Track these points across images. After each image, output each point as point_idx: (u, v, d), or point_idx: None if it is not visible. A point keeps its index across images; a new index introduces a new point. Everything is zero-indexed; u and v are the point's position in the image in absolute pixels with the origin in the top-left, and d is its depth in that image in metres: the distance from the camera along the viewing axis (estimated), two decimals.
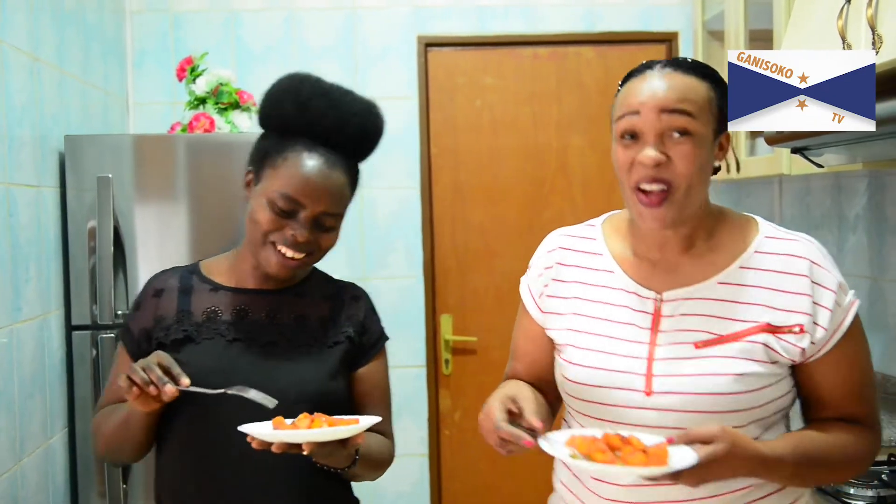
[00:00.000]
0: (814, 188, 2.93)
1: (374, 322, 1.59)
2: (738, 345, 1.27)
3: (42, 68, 2.36)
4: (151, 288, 1.53)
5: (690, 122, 1.26)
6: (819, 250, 1.33)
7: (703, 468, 1.13)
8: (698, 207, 1.31)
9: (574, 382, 1.35)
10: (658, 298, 1.33)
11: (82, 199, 2.51)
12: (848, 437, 1.31)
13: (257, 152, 1.49)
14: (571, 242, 1.44)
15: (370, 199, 3.32)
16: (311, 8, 3.30)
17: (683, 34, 3.35)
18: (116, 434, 1.46)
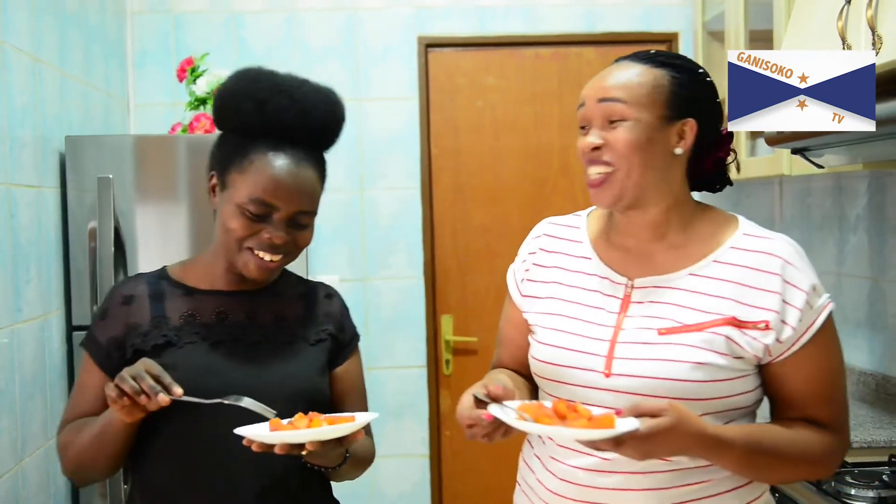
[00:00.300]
0: (814, 189, 2.93)
1: (349, 320, 1.60)
2: (701, 335, 1.29)
3: (43, 69, 2.37)
4: (119, 295, 1.47)
5: (623, 108, 1.32)
6: (795, 251, 1.35)
7: (644, 439, 1.16)
8: (657, 192, 1.35)
9: (539, 361, 1.39)
10: (629, 284, 1.37)
11: (83, 200, 2.51)
12: (809, 436, 1.32)
13: (219, 155, 1.45)
14: (556, 230, 1.50)
15: (371, 199, 3.32)
16: (312, 9, 3.30)
17: (684, 34, 3.35)
18: (90, 449, 1.40)
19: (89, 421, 1.42)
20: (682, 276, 1.35)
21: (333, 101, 1.48)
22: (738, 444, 1.26)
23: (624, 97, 1.32)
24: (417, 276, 3.33)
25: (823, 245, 2.88)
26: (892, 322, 2.51)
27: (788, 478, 1.44)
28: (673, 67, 1.36)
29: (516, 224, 3.36)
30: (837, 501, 1.87)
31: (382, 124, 3.32)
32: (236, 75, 1.47)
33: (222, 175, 1.43)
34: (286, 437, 1.25)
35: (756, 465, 1.30)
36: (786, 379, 1.33)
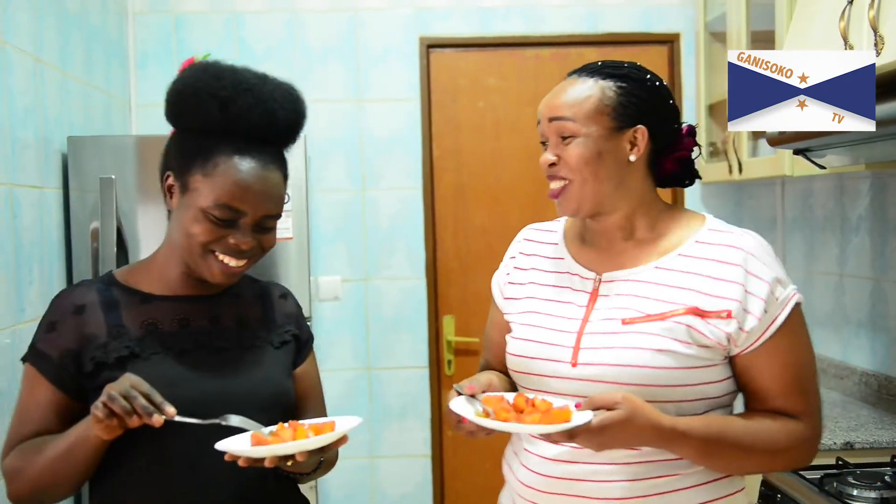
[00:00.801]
0: (816, 189, 2.93)
1: (304, 319, 1.57)
2: (663, 323, 1.34)
3: (45, 70, 2.37)
4: (67, 305, 1.38)
5: (572, 126, 1.39)
6: (759, 244, 1.39)
7: (598, 431, 1.21)
8: (615, 199, 1.41)
9: (512, 356, 1.45)
10: (597, 279, 1.43)
11: (85, 201, 2.51)
12: (774, 426, 1.35)
13: (178, 156, 1.38)
14: (535, 235, 1.58)
15: (372, 200, 3.32)
16: (314, 10, 3.30)
17: (685, 35, 3.35)
18: (51, 469, 1.30)
19: (47, 440, 1.32)
20: (647, 269, 1.40)
21: (296, 99, 1.43)
22: (695, 435, 1.29)
23: (571, 115, 1.39)
24: (419, 277, 3.33)
25: (825, 246, 2.88)
26: (893, 323, 2.51)
27: (756, 468, 1.45)
28: (619, 78, 1.41)
29: (517, 224, 3.31)
30: (839, 502, 1.87)
31: (384, 125, 3.32)
32: (194, 71, 1.39)
33: (182, 176, 1.36)
34: (276, 450, 1.21)
35: (717, 456, 1.33)
36: (754, 371, 1.36)
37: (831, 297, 2.83)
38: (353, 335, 3.32)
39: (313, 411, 1.52)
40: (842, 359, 2.77)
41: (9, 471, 1.35)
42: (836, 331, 2.81)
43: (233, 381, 1.37)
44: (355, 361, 3.32)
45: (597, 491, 1.34)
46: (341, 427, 1.27)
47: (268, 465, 1.23)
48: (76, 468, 1.30)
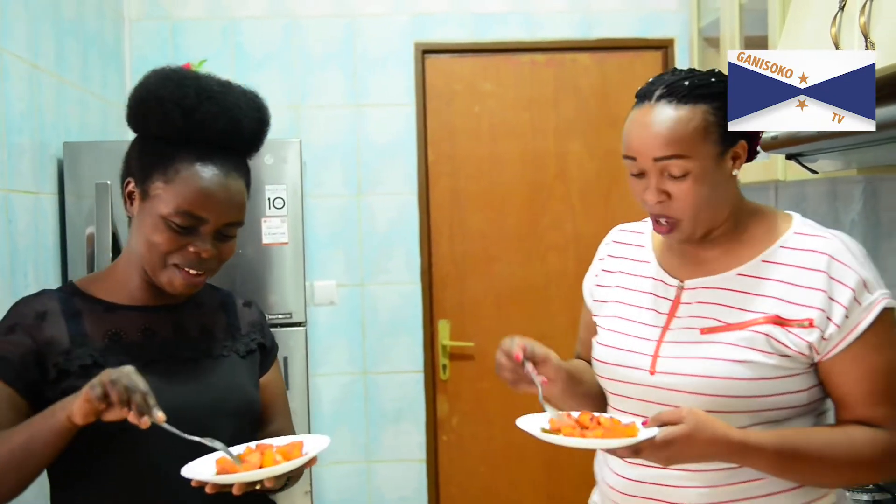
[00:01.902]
0: (809, 194, 2.94)
1: (268, 327, 1.56)
2: (741, 333, 1.32)
3: (41, 76, 2.37)
4: (28, 311, 1.34)
5: (685, 163, 1.32)
6: (845, 247, 1.34)
7: (662, 446, 1.21)
8: (720, 217, 1.38)
9: (597, 361, 1.47)
10: (680, 286, 1.42)
11: (81, 206, 2.51)
12: (856, 438, 1.30)
13: (139, 162, 1.36)
14: (623, 236, 1.56)
15: (368, 205, 3.33)
16: (311, 15, 3.31)
17: (679, 41, 3.36)
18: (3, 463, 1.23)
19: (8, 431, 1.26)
20: (730, 277, 1.38)
21: (259, 107, 1.42)
22: (768, 449, 1.27)
23: (685, 152, 1.32)
24: (415, 282, 3.34)
25: None
26: None
27: (838, 481, 1.39)
28: (713, 97, 1.35)
29: (513, 229, 3.37)
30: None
31: (380, 130, 3.33)
32: (157, 78, 1.38)
33: (143, 183, 1.34)
34: (244, 477, 1.19)
35: (793, 469, 1.30)
36: (836, 377, 1.32)
37: None
38: (348, 340, 3.32)
39: (278, 420, 1.51)
40: None
41: None
42: None
43: (200, 391, 1.36)
44: (351, 366, 3.32)
45: (675, 495, 1.35)
46: (309, 448, 1.26)
47: (236, 493, 1.20)
48: (28, 463, 1.23)
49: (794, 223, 1.40)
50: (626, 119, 1.40)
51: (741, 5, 2.75)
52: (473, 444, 3.36)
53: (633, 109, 1.40)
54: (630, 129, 1.37)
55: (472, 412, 3.36)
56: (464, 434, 3.36)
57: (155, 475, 1.31)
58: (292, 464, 1.22)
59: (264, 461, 1.22)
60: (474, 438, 3.35)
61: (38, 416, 1.25)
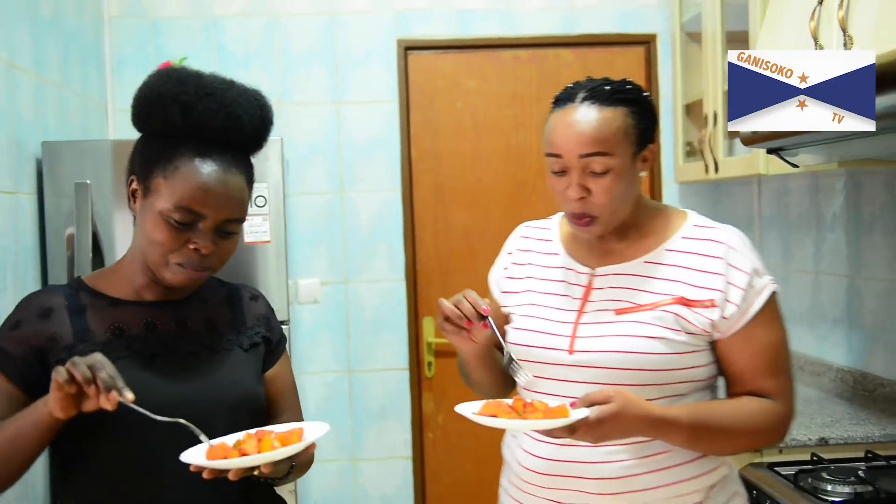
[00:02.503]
0: (792, 188, 2.96)
1: (275, 320, 1.57)
2: (653, 312, 1.44)
3: (19, 74, 2.35)
4: (34, 307, 1.37)
5: (607, 160, 1.43)
6: (739, 238, 1.50)
7: (595, 425, 1.30)
8: (627, 213, 1.50)
9: (514, 344, 1.54)
10: (591, 273, 1.53)
11: (60, 206, 2.49)
12: (753, 408, 1.45)
13: (141, 160, 1.38)
14: (530, 232, 1.67)
15: (351, 202, 3.32)
16: (292, 13, 3.30)
17: (662, 36, 3.36)
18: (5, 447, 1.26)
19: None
20: (637, 264, 1.50)
21: (262, 105, 1.43)
22: (683, 423, 1.39)
23: (608, 149, 1.43)
24: (399, 279, 3.33)
25: (801, 244, 2.90)
26: (868, 319, 2.53)
27: (737, 448, 1.52)
28: (630, 103, 1.46)
29: (497, 225, 3.37)
30: (814, 497, 1.89)
31: (362, 127, 3.32)
32: (159, 76, 1.39)
33: (145, 180, 1.36)
34: (241, 462, 1.20)
35: (704, 440, 1.43)
36: (733, 354, 1.47)
37: (807, 295, 2.85)
38: (332, 338, 3.31)
39: (288, 412, 1.52)
40: (817, 355, 2.80)
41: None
42: (811, 327, 2.83)
43: (201, 385, 1.36)
44: (336, 364, 3.31)
45: (592, 471, 1.45)
46: (309, 435, 1.27)
47: (232, 478, 1.21)
48: (18, 456, 1.26)
49: (690, 217, 1.54)
50: (548, 121, 1.50)
51: (722, 0, 2.76)
52: (459, 441, 3.36)
53: (553, 112, 1.50)
54: (555, 128, 1.47)
55: None
56: (449, 431, 3.36)
57: (154, 466, 1.32)
58: (288, 449, 1.22)
59: (261, 447, 1.22)
60: (460, 435, 3.35)
61: (24, 411, 1.26)
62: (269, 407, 1.50)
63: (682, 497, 1.46)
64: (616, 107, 1.44)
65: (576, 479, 1.45)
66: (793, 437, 2.20)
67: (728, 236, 1.49)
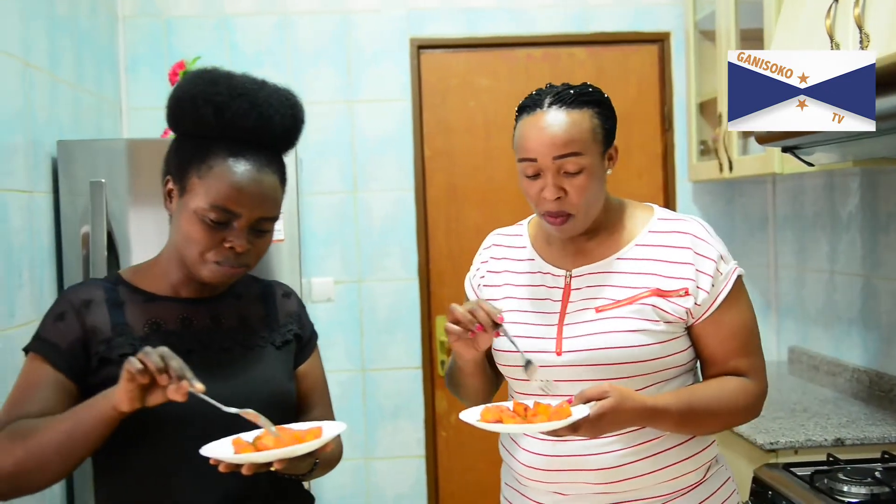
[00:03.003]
0: (807, 187, 2.95)
1: (307, 317, 1.60)
2: (632, 307, 1.51)
3: (34, 74, 2.37)
4: (75, 300, 1.41)
5: (580, 159, 1.48)
6: (702, 227, 1.57)
7: (596, 420, 1.36)
8: (596, 211, 1.55)
9: (500, 351, 1.59)
10: (568, 275, 1.58)
11: (75, 204, 2.51)
12: (732, 387, 1.54)
13: (176, 160, 1.41)
14: (502, 240, 1.72)
15: (365, 201, 3.33)
16: (304, 12, 3.31)
17: (675, 34, 3.36)
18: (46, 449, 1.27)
19: (52, 418, 1.30)
20: (611, 262, 1.56)
21: (293, 104, 1.45)
22: (673, 409, 1.47)
23: (580, 149, 1.48)
24: (412, 278, 3.34)
25: (816, 243, 2.89)
26: (884, 319, 2.52)
27: (722, 426, 1.60)
28: (594, 104, 1.52)
29: (509, 224, 3.36)
30: (830, 498, 1.88)
31: (375, 126, 3.33)
32: (192, 77, 1.42)
33: (180, 180, 1.39)
34: (254, 458, 1.23)
35: (692, 423, 1.51)
36: (707, 338, 1.55)
37: (822, 294, 2.84)
38: (346, 336, 3.32)
39: (319, 408, 1.55)
40: (833, 355, 2.79)
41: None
42: (827, 327, 2.82)
43: (234, 381, 1.39)
44: (349, 363, 3.32)
45: (592, 462, 1.50)
46: (328, 432, 1.30)
47: (245, 472, 1.24)
48: (78, 449, 1.27)
49: (655, 211, 1.61)
50: (517, 127, 1.55)
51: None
52: (472, 439, 3.36)
53: (521, 119, 1.54)
54: (526, 133, 1.51)
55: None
56: (462, 430, 3.35)
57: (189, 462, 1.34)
58: (302, 447, 1.25)
59: (279, 443, 1.25)
60: (473, 434, 3.32)
61: (83, 404, 1.29)
62: (300, 402, 1.53)
63: (682, 478, 1.54)
64: (582, 109, 1.50)
65: (576, 472, 1.51)
66: (809, 438, 2.20)
67: (693, 227, 1.56)
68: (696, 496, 1.56)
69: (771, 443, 2.19)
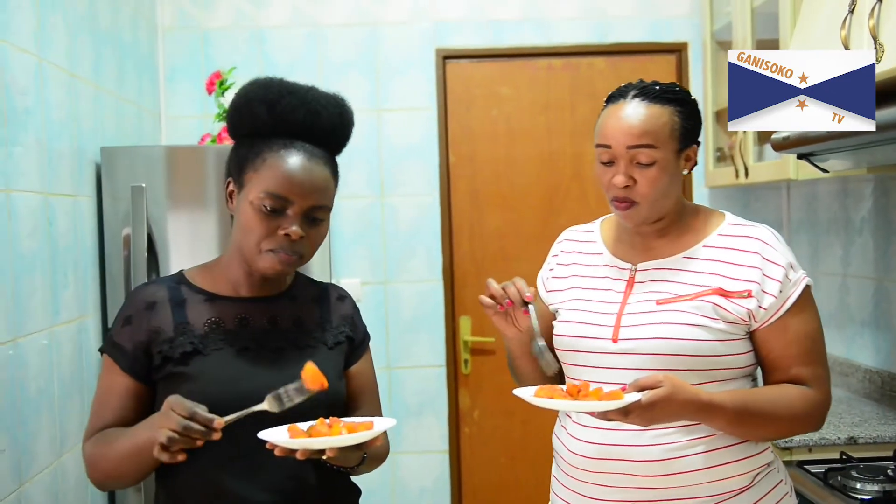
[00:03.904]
0: (821, 193, 2.98)
1: (360, 320, 1.64)
2: (692, 302, 1.52)
3: (79, 84, 2.45)
4: (141, 301, 1.47)
5: (653, 152, 1.51)
6: (773, 235, 1.58)
7: (647, 407, 1.36)
8: (668, 208, 1.58)
9: (560, 336, 1.62)
10: (633, 268, 1.61)
11: (117, 208, 2.59)
12: (792, 395, 1.52)
13: (234, 161, 1.48)
14: (574, 235, 1.76)
15: (391, 206, 3.42)
16: (334, 24, 3.39)
17: (693, 44, 3.42)
18: (120, 465, 1.40)
19: (120, 433, 1.41)
20: (677, 259, 1.59)
21: (341, 104, 1.52)
22: (728, 407, 1.46)
23: (652, 142, 1.51)
24: (436, 279, 3.42)
25: (830, 247, 2.93)
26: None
27: (778, 434, 1.61)
28: (678, 102, 1.55)
29: (530, 229, 3.44)
30: (843, 495, 1.91)
31: (402, 133, 3.41)
32: (248, 84, 1.50)
33: (238, 177, 1.46)
34: (308, 443, 1.28)
35: (746, 424, 1.50)
36: (772, 343, 1.54)
37: (835, 297, 2.88)
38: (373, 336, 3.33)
39: (367, 407, 1.58)
40: (846, 356, 2.82)
41: (88, 457, 1.46)
42: (840, 329, 2.86)
43: (285, 380, 1.40)
44: (375, 361, 3.27)
45: (637, 454, 1.50)
46: (378, 427, 1.34)
47: (299, 458, 1.30)
48: (143, 468, 1.39)
49: (727, 217, 1.62)
50: (600, 115, 1.59)
51: (753, 9, 2.80)
52: (494, 436, 3.43)
53: (605, 108, 1.58)
54: (606, 121, 1.56)
55: (493, 405, 3.43)
56: (485, 426, 3.44)
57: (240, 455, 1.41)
58: (353, 437, 1.30)
59: (331, 433, 1.31)
60: (495, 430, 3.43)
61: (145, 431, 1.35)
62: (350, 402, 1.57)
63: (728, 480, 1.51)
64: (664, 105, 1.52)
65: (623, 462, 1.51)
66: (822, 436, 2.21)
67: (763, 233, 1.57)
68: (742, 501, 1.52)
69: (786, 441, 2.20)
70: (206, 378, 1.41)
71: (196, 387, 1.40)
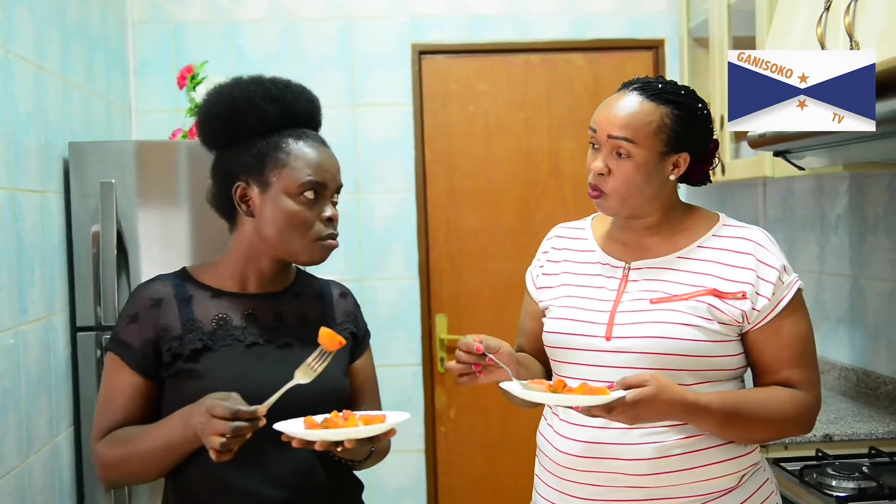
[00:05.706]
0: (797, 190, 3.00)
1: (361, 316, 1.67)
2: (686, 302, 1.51)
3: (47, 77, 2.42)
4: (146, 298, 1.48)
5: (631, 147, 1.50)
6: (767, 237, 1.57)
7: (631, 405, 1.36)
8: (643, 207, 1.56)
9: (551, 333, 1.60)
10: (626, 267, 1.59)
11: (86, 204, 2.56)
12: (782, 397, 1.51)
13: (248, 161, 1.47)
14: (564, 232, 1.73)
15: (367, 203, 3.39)
16: (309, 18, 3.37)
17: (669, 41, 3.42)
18: (142, 463, 1.42)
19: (141, 433, 1.42)
20: (671, 259, 1.57)
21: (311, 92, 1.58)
22: (714, 408, 1.45)
23: (632, 137, 1.50)
24: (412, 277, 3.40)
25: (805, 244, 2.94)
26: (871, 318, 2.58)
27: (767, 436, 1.59)
28: (676, 105, 1.52)
29: (508, 226, 3.44)
30: (819, 493, 1.92)
31: (377, 129, 3.39)
32: (231, 86, 1.50)
33: (258, 177, 1.46)
34: (327, 434, 1.30)
35: (734, 426, 1.49)
36: (763, 345, 1.53)
37: (811, 294, 2.90)
38: None
39: (368, 402, 1.60)
40: (821, 354, 2.84)
41: (105, 459, 1.45)
42: (815, 327, 2.82)
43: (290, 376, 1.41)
44: None
45: (628, 453, 1.49)
46: (391, 421, 1.35)
47: (317, 449, 1.32)
48: (168, 465, 1.42)
49: (721, 218, 1.61)
50: None
51: (729, 6, 2.81)
52: (471, 435, 3.42)
53: None
54: (601, 106, 1.56)
55: (469, 404, 3.42)
56: (461, 425, 3.43)
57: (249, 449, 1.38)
58: (372, 428, 1.32)
59: (348, 425, 1.32)
60: (472, 429, 3.42)
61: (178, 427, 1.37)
62: (352, 397, 1.58)
63: (715, 480, 1.50)
64: (659, 104, 1.51)
65: (610, 461, 1.49)
66: None
67: (757, 235, 1.56)
68: (729, 501, 1.52)
69: None
70: (215, 374, 1.42)
71: (206, 383, 1.40)
